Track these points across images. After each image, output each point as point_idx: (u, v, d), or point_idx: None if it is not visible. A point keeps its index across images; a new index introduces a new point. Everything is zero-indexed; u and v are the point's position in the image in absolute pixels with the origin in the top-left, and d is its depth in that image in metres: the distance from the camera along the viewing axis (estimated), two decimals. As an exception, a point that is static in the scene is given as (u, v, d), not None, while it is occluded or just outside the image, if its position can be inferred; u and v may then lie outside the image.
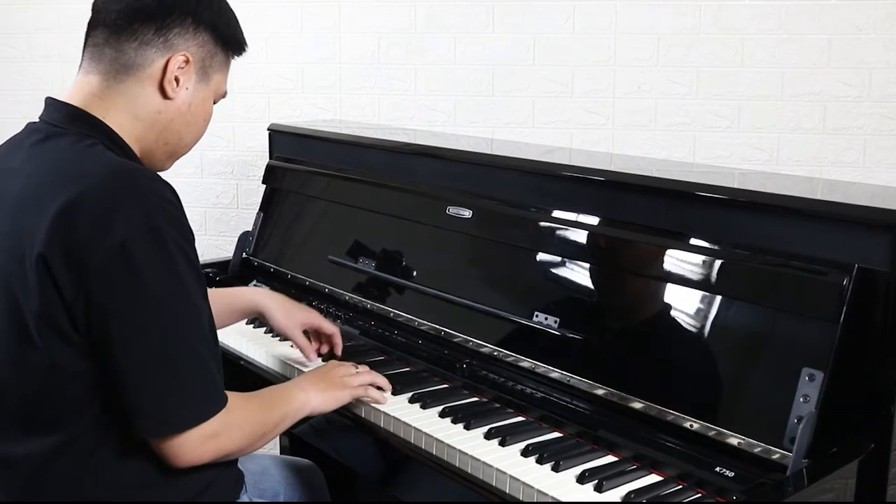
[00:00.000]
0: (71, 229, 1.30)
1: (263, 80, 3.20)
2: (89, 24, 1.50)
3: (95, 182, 1.34)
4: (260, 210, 2.58)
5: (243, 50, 1.63)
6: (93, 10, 1.50)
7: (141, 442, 1.38)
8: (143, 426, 1.35)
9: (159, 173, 1.45)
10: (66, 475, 1.38)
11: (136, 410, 1.34)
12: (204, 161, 3.29)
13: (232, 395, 1.45)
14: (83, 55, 1.51)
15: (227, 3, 1.59)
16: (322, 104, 3.19)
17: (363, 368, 1.78)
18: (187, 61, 1.49)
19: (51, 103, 1.50)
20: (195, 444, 1.37)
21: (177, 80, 1.49)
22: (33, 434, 1.38)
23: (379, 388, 1.75)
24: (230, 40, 1.58)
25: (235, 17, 1.60)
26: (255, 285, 2.44)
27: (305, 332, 1.97)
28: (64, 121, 1.46)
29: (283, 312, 1.94)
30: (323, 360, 1.95)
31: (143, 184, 1.36)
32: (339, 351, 1.96)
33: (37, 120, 1.51)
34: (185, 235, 1.38)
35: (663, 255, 1.65)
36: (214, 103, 1.60)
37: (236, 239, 2.56)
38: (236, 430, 1.44)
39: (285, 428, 1.61)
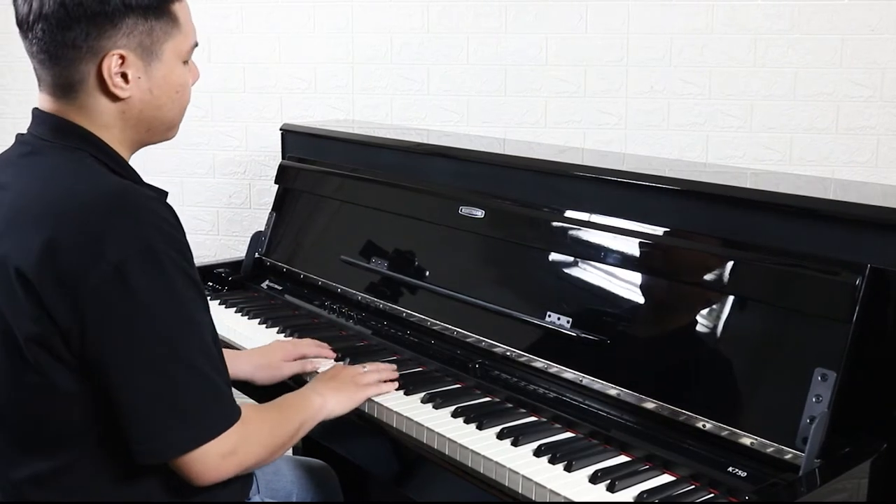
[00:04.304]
0: (61, 256, 1.26)
1: (276, 80, 3.21)
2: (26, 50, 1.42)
3: (84, 204, 1.30)
4: (272, 210, 2.59)
5: None
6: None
7: (143, 466, 1.34)
8: (151, 450, 1.30)
9: (164, 190, 1.43)
10: (67, 498, 1.35)
11: (140, 435, 1.30)
12: (216, 161, 3.30)
13: (247, 408, 1.41)
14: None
15: None
16: (335, 104, 3.19)
17: (370, 366, 1.80)
18: (122, 57, 1.37)
19: (37, 115, 1.44)
20: (215, 462, 1.34)
21: (124, 76, 1.38)
22: (33, 456, 1.35)
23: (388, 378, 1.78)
24: (159, 1, 1.41)
25: None
26: (267, 285, 2.45)
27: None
28: (50, 134, 1.40)
29: (263, 370, 1.88)
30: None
31: (135, 202, 1.31)
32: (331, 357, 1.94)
33: (25, 132, 1.46)
34: (183, 253, 1.33)
35: (675, 255, 1.66)
36: (188, 59, 1.47)
37: (249, 239, 2.56)
38: (254, 443, 1.41)
39: (304, 434, 1.58)
